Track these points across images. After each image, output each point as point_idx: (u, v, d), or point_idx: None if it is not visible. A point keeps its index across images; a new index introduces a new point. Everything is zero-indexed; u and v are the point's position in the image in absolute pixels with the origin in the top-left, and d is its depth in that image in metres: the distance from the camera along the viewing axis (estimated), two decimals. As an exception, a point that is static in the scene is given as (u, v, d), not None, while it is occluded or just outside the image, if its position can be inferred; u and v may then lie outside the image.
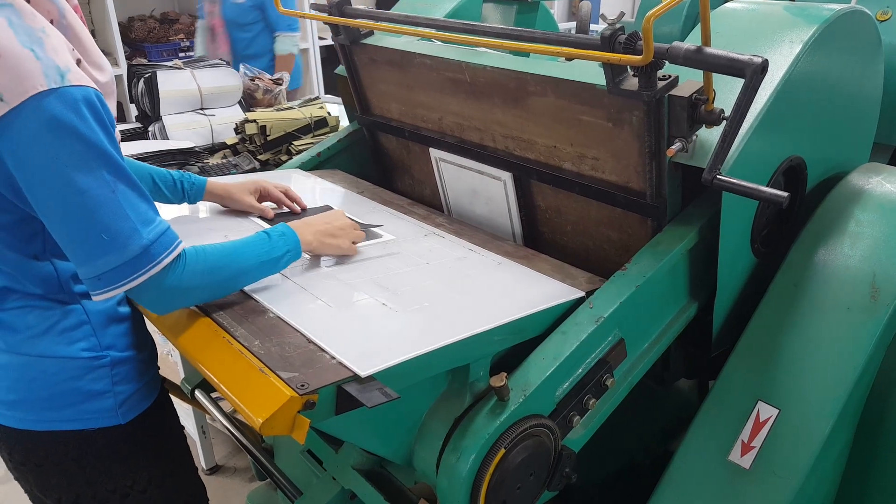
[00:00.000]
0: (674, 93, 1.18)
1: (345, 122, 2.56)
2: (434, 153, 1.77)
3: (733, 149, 1.20)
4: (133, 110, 3.20)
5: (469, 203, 1.77)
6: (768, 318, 1.37)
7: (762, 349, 1.35)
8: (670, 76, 1.17)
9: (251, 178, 1.65)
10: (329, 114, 2.79)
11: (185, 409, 2.38)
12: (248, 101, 3.17)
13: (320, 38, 5.04)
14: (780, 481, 1.25)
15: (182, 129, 2.88)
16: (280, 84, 3.24)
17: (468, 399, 1.15)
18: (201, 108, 3.01)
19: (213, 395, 1.87)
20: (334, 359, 1.01)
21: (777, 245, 1.47)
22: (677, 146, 1.21)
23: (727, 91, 1.21)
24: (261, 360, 1.00)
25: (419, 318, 1.17)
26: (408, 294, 1.24)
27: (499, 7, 2.32)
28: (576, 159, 1.46)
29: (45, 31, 1.00)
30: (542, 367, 1.15)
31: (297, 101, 2.97)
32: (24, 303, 1.18)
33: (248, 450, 1.80)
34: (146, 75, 2.89)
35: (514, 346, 1.21)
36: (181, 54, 4.68)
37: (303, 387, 0.93)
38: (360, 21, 1.69)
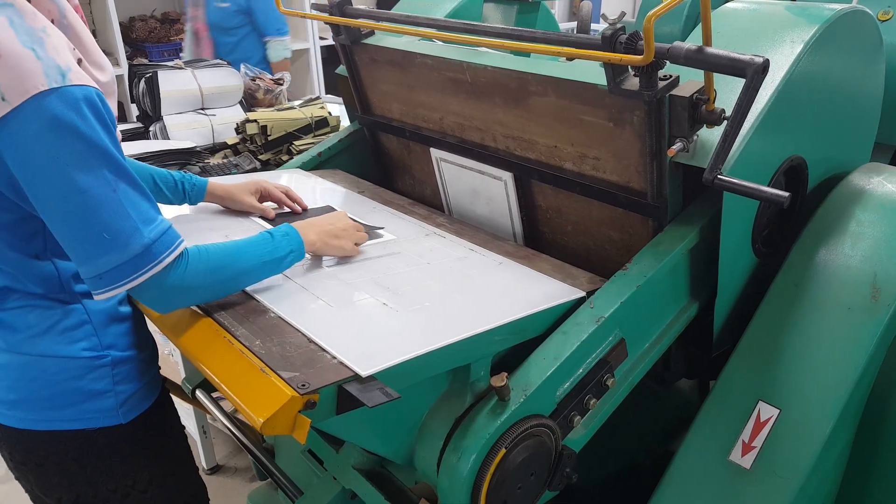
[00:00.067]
0: (675, 93, 1.18)
1: (345, 122, 2.57)
2: (435, 153, 1.77)
3: (734, 149, 1.20)
4: (134, 110, 3.20)
5: (470, 203, 1.77)
6: (769, 319, 1.37)
7: (763, 349, 1.35)
8: (671, 76, 1.17)
9: (252, 179, 1.65)
10: (330, 114, 2.80)
11: (185, 409, 2.38)
12: (249, 101, 3.17)
13: (321, 38, 5.04)
14: (780, 481, 1.25)
15: (183, 129, 2.88)
16: (281, 84, 3.24)
17: (469, 399, 1.15)
18: (202, 108, 3.00)
19: (213, 394, 1.87)
20: (335, 358, 1.01)
21: (778, 245, 1.47)
22: (678, 146, 1.21)
23: (728, 91, 1.21)
24: (262, 360, 1.00)
25: (420, 318, 1.17)
26: (408, 294, 1.24)
27: (499, 7, 2.31)
28: (577, 159, 1.46)
29: (46, 31, 1.00)
30: (543, 367, 1.15)
31: (297, 101, 2.97)
32: (25, 302, 1.18)
33: (248, 450, 1.80)
34: (147, 75, 2.89)
35: (515, 346, 1.21)
36: (182, 54, 4.67)
37: (303, 386, 0.93)
38: (360, 21, 1.69)
